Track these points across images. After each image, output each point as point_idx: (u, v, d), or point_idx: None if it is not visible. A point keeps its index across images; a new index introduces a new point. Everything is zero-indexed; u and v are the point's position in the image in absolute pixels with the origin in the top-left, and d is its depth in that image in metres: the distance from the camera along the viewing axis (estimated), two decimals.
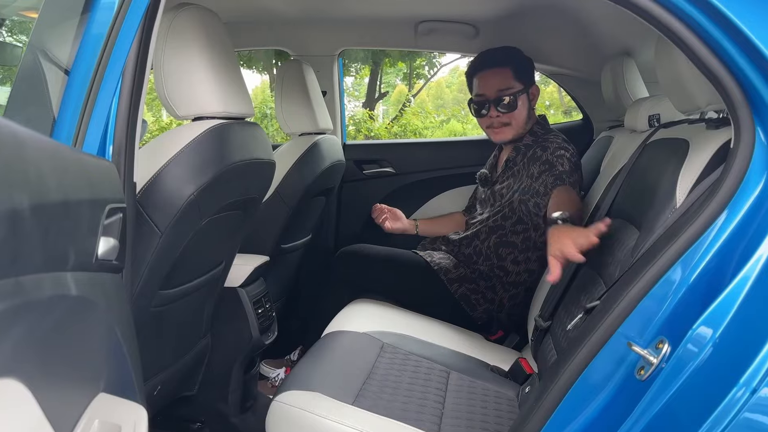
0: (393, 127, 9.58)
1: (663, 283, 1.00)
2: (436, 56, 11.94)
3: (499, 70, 2.08)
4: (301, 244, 2.37)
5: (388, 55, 10.63)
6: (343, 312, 1.98)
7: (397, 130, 9.14)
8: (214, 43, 1.44)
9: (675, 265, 1.00)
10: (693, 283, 0.97)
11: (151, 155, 1.33)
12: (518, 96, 2.06)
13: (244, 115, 1.54)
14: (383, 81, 13.68)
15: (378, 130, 9.24)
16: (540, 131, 2.12)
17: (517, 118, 2.08)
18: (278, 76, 2.25)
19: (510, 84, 2.06)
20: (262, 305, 1.95)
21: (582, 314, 1.19)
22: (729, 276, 0.95)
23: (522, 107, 2.08)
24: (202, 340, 1.80)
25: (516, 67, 2.07)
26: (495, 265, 2.09)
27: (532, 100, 2.11)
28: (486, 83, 2.10)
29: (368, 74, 12.41)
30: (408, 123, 9.03)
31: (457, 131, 11.21)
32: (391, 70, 13.01)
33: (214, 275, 1.68)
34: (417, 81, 13.04)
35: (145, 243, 1.29)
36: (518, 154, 2.12)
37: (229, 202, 1.53)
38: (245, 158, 1.51)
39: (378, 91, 12.44)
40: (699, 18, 1.00)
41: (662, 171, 1.29)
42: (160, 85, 1.41)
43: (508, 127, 2.10)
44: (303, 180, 2.12)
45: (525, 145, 2.11)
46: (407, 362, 1.66)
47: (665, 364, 0.94)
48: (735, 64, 0.99)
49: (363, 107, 11.65)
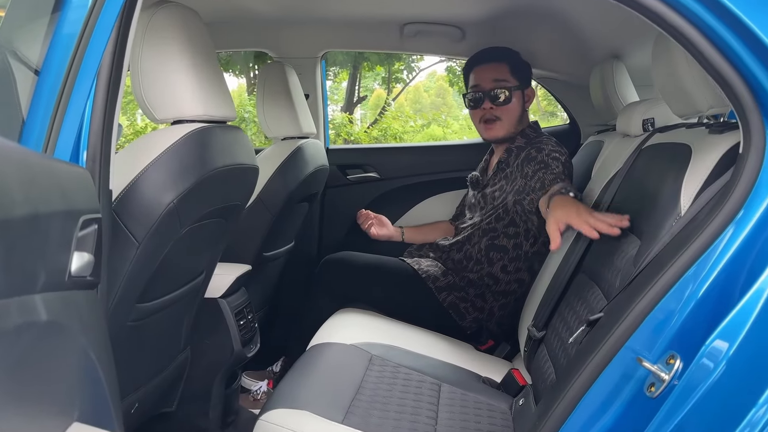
0: (373, 131, 9.52)
1: (672, 295, 0.96)
2: (414, 60, 11.92)
3: (496, 65, 2.07)
4: (283, 252, 2.30)
5: (366, 59, 10.58)
6: (329, 322, 1.91)
7: (377, 134, 9.09)
8: (194, 43, 1.37)
9: (684, 276, 0.95)
10: (704, 294, 0.93)
11: (127, 161, 1.25)
12: (513, 91, 2.05)
13: (226, 119, 1.48)
14: (361, 85, 13.63)
15: (357, 134, 9.18)
16: (532, 134, 2.09)
17: (509, 113, 2.06)
18: (260, 78, 2.18)
19: (505, 78, 2.06)
20: (244, 316, 1.88)
21: (584, 326, 1.14)
22: (742, 286, 0.90)
23: (516, 104, 2.06)
24: (181, 354, 1.72)
25: (513, 64, 2.07)
26: (485, 272, 2.04)
27: (526, 101, 2.10)
28: (482, 76, 2.09)
29: (347, 78, 12.35)
30: (388, 127, 8.98)
31: (438, 136, 11.21)
32: (370, 74, 12.97)
33: (194, 286, 1.60)
34: (395, 85, 13.02)
35: (122, 254, 1.22)
36: (510, 155, 2.08)
37: (210, 209, 1.46)
38: (228, 163, 1.44)
39: (357, 95, 12.39)
40: (707, 18, 0.96)
41: (663, 177, 1.25)
42: (137, 86, 1.34)
43: (500, 123, 2.07)
44: (286, 186, 2.05)
45: (517, 146, 2.07)
46: (397, 375, 1.60)
47: (678, 380, 0.89)
48: (745, 67, 0.95)
49: (342, 111, 11.59)
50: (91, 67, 1.08)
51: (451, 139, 10.87)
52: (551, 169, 1.86)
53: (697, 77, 1.22)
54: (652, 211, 1.23)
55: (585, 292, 1.44)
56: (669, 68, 1.29)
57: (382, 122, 9.75)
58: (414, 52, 3.10)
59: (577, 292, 1.50)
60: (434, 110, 15.61)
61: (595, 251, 1.51)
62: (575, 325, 1.38)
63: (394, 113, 10.44)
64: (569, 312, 1.48)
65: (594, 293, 1.38)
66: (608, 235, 1.46)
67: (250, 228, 1.98)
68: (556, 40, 2.21)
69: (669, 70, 1.29)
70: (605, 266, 1.37)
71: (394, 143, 8.54)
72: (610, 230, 1.29)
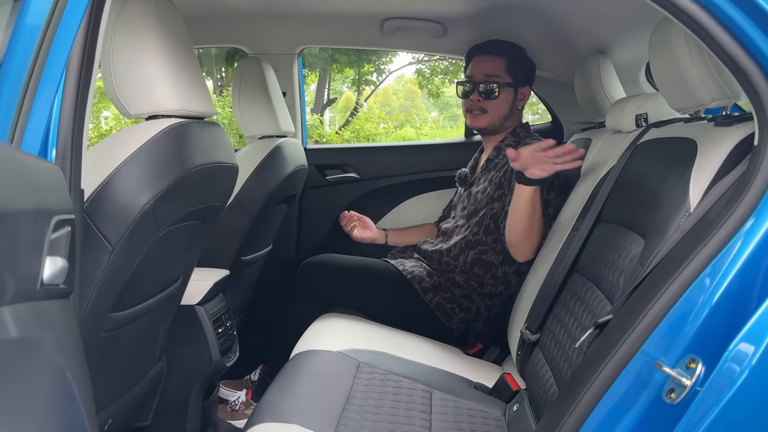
0: (345, 132, 9.43)
1: (689, 295, 0.91)
2: (384, 63, 11.88)
3: (493, 58, 2.04)
4: (261, 256, 2.21)
5: (336, 61, 10.50)
6: (312, 328, 1.83)
7: (349, 136, 9.00)
8: (170, 33, 1.29)
9: (702, 274, 0.90)
10: (723, 293, 0.88)
11: (99, 158, 1.16)
12: (503, 87, 2.02)
13: (204, 114, 1.39)
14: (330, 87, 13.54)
15: (329, 135, 9.08)
16: (523, 134, 2.06)
17: (495, 108, 2.03)
18: (236, 74, 2.09)
19: (498, 73, 2.03)
20: (222, 324, 1.79)
21: (591, 330, 1.09)
22: (764, 284, 0.86)
23: (503, 100, 2.03)
24: (157, 365, 1.62)
25: (512, 61, 2.04)
26: (471, 278, 1.99)
27: (519, 100, 2.07)
28: (477, 67, 2.07)
29: (315, 80, 12.23)
30: (361, 129, 8.90)
31: (411, 138, 11.17)
32: (339, 76, 12.88)
33: (170, 293, 1.51)
34: (365, 87, 12.96)
35: (94, 260, 1.13)
36: (499, 153, 2.04)
37: (188, 210, 1.37)
38: (207, 162, 1.35)
39: (327, 98, 12.29)
40: (720, 1, 0.91)
41: (666, 173, 1.20)
42: (109, 80, 1.25)
43: (485, 115, 2.05)
44: (265, 186, 1.96)
45: (506, 145, 2.02)
46: (387, 382, 1.53)
47: (701, 386, 0.84)
48: (760, 52, 0.91)
49: (311, 113, 11.47)
50: (59, 59, 1.00)
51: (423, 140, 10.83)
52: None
53: (700, 69, 1.18)
54: (655, 208, 1.19)
55: (582, 293, 1.39)
56: (669, 60, 1.25)
57: (355, 123, 9.67)
58: (395, 49, 3.03)
59: (573, 293, 1.45)
60: (404, 112, 15.58)
61: (591, 250, 1.47)
62: (575, 327, 1.33)
63: (366, 114, 10.36)
64: (566, 313, 1.43)
65: (593, 294, 1.33)
66: (605, 234, 1.42)
67: (227, 231, 1.89)
68: (540, 36, 2.16)
69: (669, 62, 1.25)
70: (604, 265, 1.32)
71: (375, 143, 8.47)
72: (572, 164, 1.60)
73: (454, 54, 2.58)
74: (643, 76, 2.24)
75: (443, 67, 11.75)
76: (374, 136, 8.68)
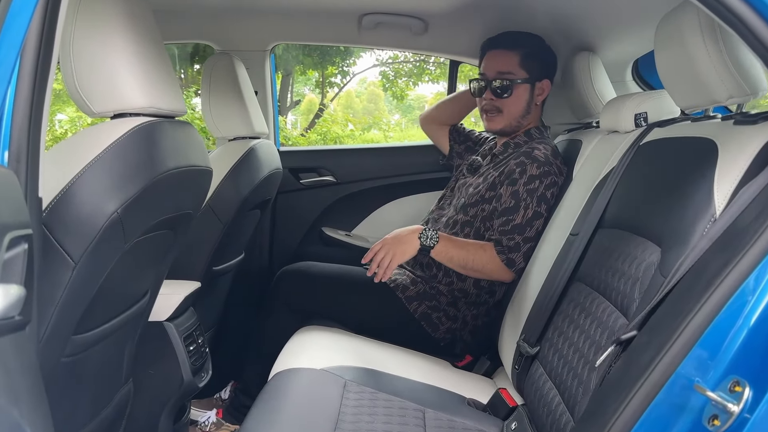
0: (311, 134, 9.26)
1: (729, 310, 0.82)
2: (348, 64, 11.76)
3: (506, 53, 1.91)
4: (233, 265, 2.07)
5: (300, 63, 10.34)
6: (292, 344, 1.71)
7: (316, 139, 8.84)
8: (138, 22, 1.16)
9: (743, 286, 0.82)
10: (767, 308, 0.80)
11: (59, 162, 1.03)
12: (517, 84, 1.89)
13: (176, 113, 1.26)
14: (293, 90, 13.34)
15: (295, 138, 8.90)
16: (537, 136, 1.94)
17: (510, 107, 1.91)
18: (205, 70, 1.95)
19: (512, 69, 1.90)
20: (194, 340, 1.65)
21: (613, 347, 1.00)
22: None
23: (519, 97, 1.91)
24: (123, 388, 1.48)
25: (527, 54, 1.90)
26: (455, 286, 1.89)
27: (538, 95, 1.94)
28: (489, 63, 1.95)
29: (279, 82, 12.02)
30: (328, 131, 8.75)
31: (378, 140, 11.05)
32: (301, 78, 12.71)
33: (138, 309, 1.37)
34: (328, 90, 12.81)
35: (54, 277, 0.99)
36: (506, 150, 1.94)
37: (159, 219, 1.24)
38: (180, 165, 1.22)
39: (290, 100, 12.10)
40: None
41: (681, 175, 1.13)
42: (69, 73, 1.11)
43: (500, 116, 1.93)
44: (238, 192, 1.83)
45: (515, 143, 1.93)
46: (376, 402, 1.42)
47: (750, 413, 0.75)
48: None
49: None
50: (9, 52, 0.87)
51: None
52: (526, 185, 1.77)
53: (716, 63, 1.10)
54: (670, 213, 1.11)
55: (587, 303, 1.31)
56: (679, 54, 1.17)
57: (321, 126, 9.52)
58: (373, 46, 2.93)
59: (575, 303, 1.36)
60: (367, 115, 15.49)
61: (593, 257, 1.38)
62: (582, 341, 1.24)
63: (333, 116, 10.20)
64: (569, 325, 1.34)
65: (600, 304, 1.24)
66: (609, 240, 1.34)
67: (198, 240, 1.75)
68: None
69: (679, 55, 1.17)
70: (612, 274, 1.24)
71: (353, 144, 8.33)
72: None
73: (435, 52, 2.49)
74: (630, 74, 2.18)
75: (407, 69, 11.70)
76: (341, 139, 8.54)
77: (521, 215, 1.75)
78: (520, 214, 1.75)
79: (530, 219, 1.74)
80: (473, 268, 1.77)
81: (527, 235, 1.74)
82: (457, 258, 1.77)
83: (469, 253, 1.77)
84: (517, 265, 1.74)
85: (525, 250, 1.73)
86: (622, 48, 2.01)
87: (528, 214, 1.74)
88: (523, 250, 1.73)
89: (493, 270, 1.76)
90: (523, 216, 1.74)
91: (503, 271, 1.76)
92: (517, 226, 1.74)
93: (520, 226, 1.74)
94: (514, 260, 1.73)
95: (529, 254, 1.73)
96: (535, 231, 1.74)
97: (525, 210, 1.74)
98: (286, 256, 2.40)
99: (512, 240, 1.74)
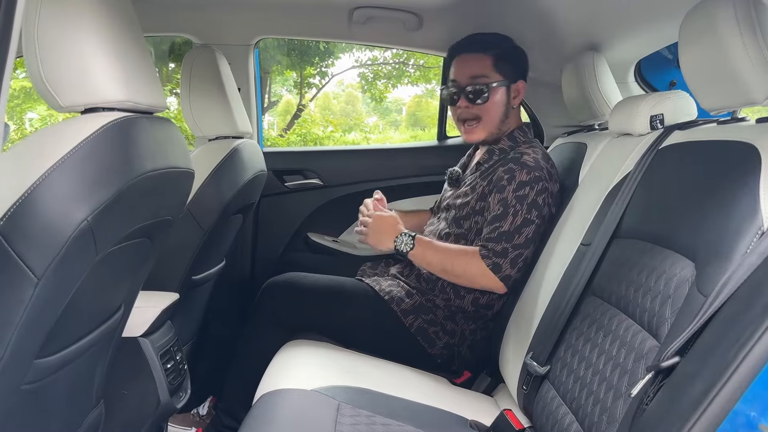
0: (291, 135, 9.11)
1: None
2: (327, 65, 11.63)
3: (478, 56, 1.80)
4: (213, 273, 1.94)
5: (278, 62, 10.18)
6: (279, 361, 1.58)
7: (295, 140, 8.69)
8: (112, 7, 1.02)
9: None
10: None
11: (20, 163, 0.89)
12: (492, 87, 1.78)
13: (154, 108, 1.13)
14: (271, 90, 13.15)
15: (274, 139, 8.74)
16: (521, 138, 1.84)
17: (489, 113, 1.80)
18: (185, 64, 1.81)
19: (486, 73, 1.78)
20: (171, 357, 1.52)
21: (651, 375, 0.89)
22: None
23: (496, 102, 1.79)
24: (94, 411, 1.34)
25: (499, 56, 1.80)
26: (452, 302, 1.78)
27: (514, 97, 1.83)
28: (460, 68, 1.82)
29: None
30: (308, 132, 8.60)
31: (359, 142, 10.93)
32: (279, 78, 12.55)
33: (109, 326, 1.24)
34: (306, 91, 12.67)
35: (13, 296, 0.86)
36: (491, 157, 1.83)
37: (135, 227, 1.10)
38: (159, 167, 1.09)
39: (268, 101, 11.93)
40: None
41: (718, 183, 1.03)
42: (33, 63, 0.98)
43: (480, 125, 1.82)
44: (221, 195, 1.70)
45: (500, 149, 1.82)
46: (374, 427, 1.30)
47: None
48: None
49: None
50: None
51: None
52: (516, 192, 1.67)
53: (755, 59, 1.01)
54: (704, 224, 1.01)
55: (604, 320, 1.20)
56: (711, 49, 1.07)
57: (301, 127, 9.36)
58: (364, 42, 2.81)
59: (590, 319, 1.26)
60: (344, 117, 15.37)
61: (609, 270, 1.28)
62: (603, 362, 1.14)
63: (312, 117, 10.04)
64: (584, 343, 1.23)
65: (622, 322, 1.14)
66: (628, 251, 1.24)
67: (177, 247, 1.62)
68: (525, 31, 1.97)
69: (711, 51, 1.08)
70: (634, 290, 1.14)
71: (340, 146, 8.19)
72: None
73: (429, 49, 2.37)
74: (632, 76, 2.09)
75: (386, 71, 11.63)
76: (321, 140, 8.40)
77: (509, 222, 1.65)
78: (508, 221, 1.65)
79: (519, 226, 1.64)
80: (455, 273, 1.68)
81: (515, 242, 1.63)
82: (436, 262, 1.69)
83: (448, 257, 1.68)
84: (503, 272, 1.62)
85: (513, 257, 1.62)
86: (628, 48, 1.92)
87: (516, 222, 1.64)
88: (510, 257, 1.62)
89: (476, 274, 1.65)
90: (511, 223, 1.64)
91: (489, 277, 1.64)
92: (504, 233, 1.64)
93: (508, 233, 1.64)
94: (501, 265, 1.62)
95: (518, 262, 1.63)
96: (525, 238, 1.64)
97: (514, 217, 1.65)
98: (269, 263, 2.27)
99: (498, 245, 1.64)
